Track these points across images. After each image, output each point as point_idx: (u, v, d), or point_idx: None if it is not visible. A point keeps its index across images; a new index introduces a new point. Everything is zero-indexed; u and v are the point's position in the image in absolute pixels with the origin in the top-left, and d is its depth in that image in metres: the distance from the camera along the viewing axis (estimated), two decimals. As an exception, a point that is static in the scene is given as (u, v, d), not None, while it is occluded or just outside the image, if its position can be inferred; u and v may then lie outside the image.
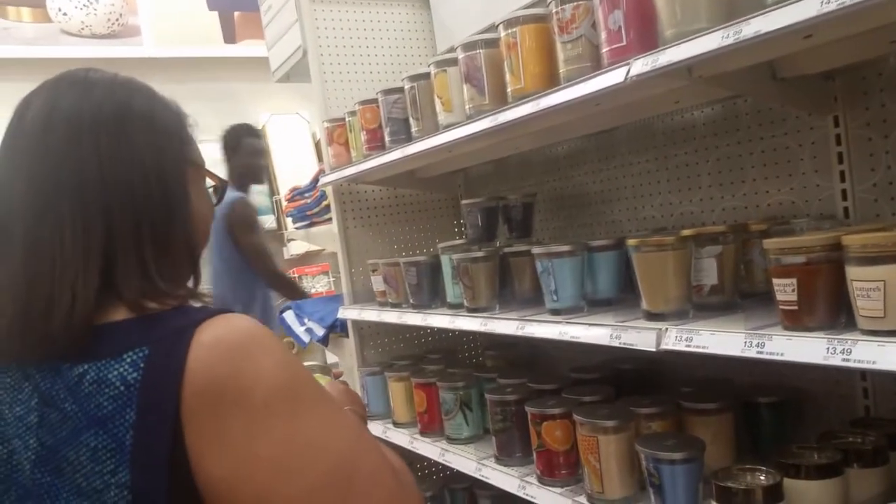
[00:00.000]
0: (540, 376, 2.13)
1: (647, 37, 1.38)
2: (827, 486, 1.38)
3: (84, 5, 4.71)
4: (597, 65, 1.49)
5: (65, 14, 4.65)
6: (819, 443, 1.48)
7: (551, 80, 1.63)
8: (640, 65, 1.33)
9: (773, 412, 1.72)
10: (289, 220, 3.97)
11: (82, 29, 4.70)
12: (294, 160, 5.35)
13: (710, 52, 1.21)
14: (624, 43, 1.41)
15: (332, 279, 5.20)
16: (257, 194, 5.27)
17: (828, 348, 1.12)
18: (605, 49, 1.45)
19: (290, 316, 3.33)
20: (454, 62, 1.91)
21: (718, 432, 1.67)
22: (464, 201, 2.39)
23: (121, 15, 4.82)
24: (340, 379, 1.35)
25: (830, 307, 1.20)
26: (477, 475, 2.08)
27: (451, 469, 2.26)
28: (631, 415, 1.69)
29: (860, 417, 1.66)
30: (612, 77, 1.39)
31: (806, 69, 1.48)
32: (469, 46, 1.84)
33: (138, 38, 4.91)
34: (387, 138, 2.30)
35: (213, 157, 5.18)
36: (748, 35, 1.14)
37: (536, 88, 1.64)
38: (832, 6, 1.01)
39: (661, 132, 2.07)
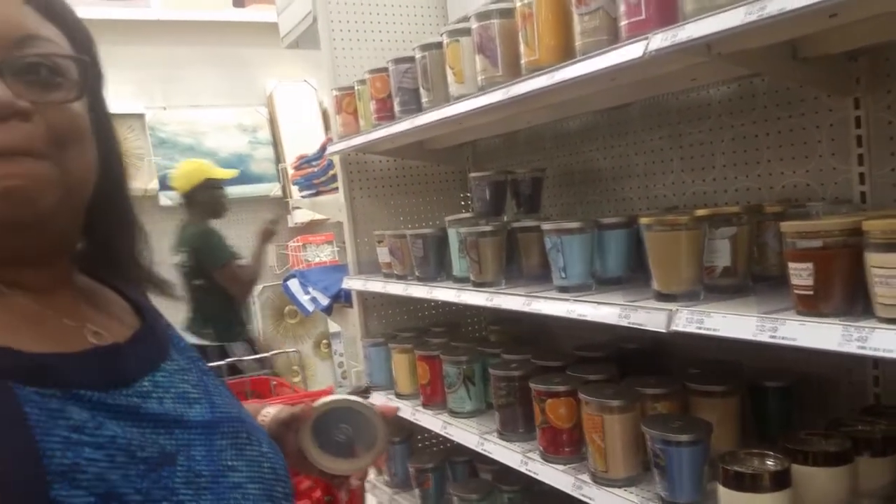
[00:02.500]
0: (544, 353, 2.12)
1: (667, 11, 1.34)
2: (836, 473, 1.37)
3: (92, -34, 4.67)
4: (614, 38, 1.46)
5: (72, -26, 4.62)
6: (828, 430, 1.47)
7: (567, 53, 1.60)
8: (660, 39, 1.29)
9: (781, 397, 1.71)
10: (294, 189, 3.94)
11: (90, -11, 4.66)
12: (301, 128, 5.31)
13: (733, 29, 1.17)
14: (643, 16, 1.37)
15: (336, 249, 5.19)
16: (264, 161, 5.26)
17: (843, 335, 1.10)
18: (623, 22, 1.41)
19: (294, 284, 3.33)
20: (467, 32, 1.87)
21: (724, 415, 1.65)
22: (472, 174, 2.36)
23: (129, -24, 4.78)
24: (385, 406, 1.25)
25: (847, 293, 1.18)
26: (479, 449, 2.08)
27: (453, 441, 2.26)
28: (637, 395, 1.68)
29: (870, 405, 1.64)
30: (631, 51, 1.35)
31: (829, 49, 1.45)
32: (483, 16, 1.80)
33: (146, 0, 4.85)
34: (396, 108, 2.26)
35: (218, 122, 5.16)
36: (772, 12, 1.10)
37: (551, 61, 1.60)
38: (863, -17, 0.98)
39: (676, 109, 2.03)
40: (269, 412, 1.20)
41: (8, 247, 0.79)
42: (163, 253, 4.95)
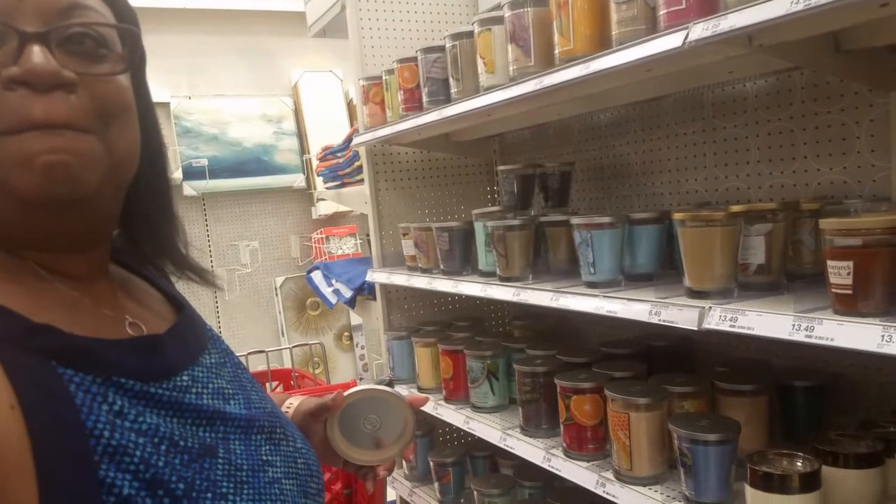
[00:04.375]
0: (569, 349, 2.10)
1: (707, 0, 1.31)
2: (867, 475, 1.34)
3: (121, -46, 4.70)
4: (652, 28, 1.43)
5: (101, -39, 4.64)
6: (858, 431, 1.44)
7: (602, 43, 1.57)
8: (701, 29, 1.26)
9: (811, 397, 1.67)
10: (319, 180, 3.93)
11: (118, -23, 4.69)
12: (326, 119, 5.30)
13: (777, 19, 1.14)
14: (683, 6, 1.34)
15: (359, 241, 5.18)
16: (288, 152, 5.26)
17: (883, 336, 1.07)
18: (662, 11, 1.38)
19: (317, 276, 3.32)
20: (500, 20, 1.85)
21: (752, 415, 1.63)
22: (500, 167, 2.34)
23: (157, -36, 4.78)
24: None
25: (887, 293, 1.14)
26: (502, 444, 2.06)
27: (473, 436, 2.25)
28: (664, 392, 1.65)
29: (903, 407, 1.61)
30: (670, 41, 1.32)
31: (873, 41, 1.40)
32: (516, 4, 1.77)
33: (173, -11, 4.87)
34: (424, 99, 2.24)
35: (243, 112, 5.17)
36: (820, 1, 1.07)
37: (586, 51, 1.58)
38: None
39: (710, 103, 1.99)
40: (293, 403, 1.19)
41: (48, 229, 0.77)
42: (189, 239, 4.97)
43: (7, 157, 0.70)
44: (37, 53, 0.71)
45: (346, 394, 1.16)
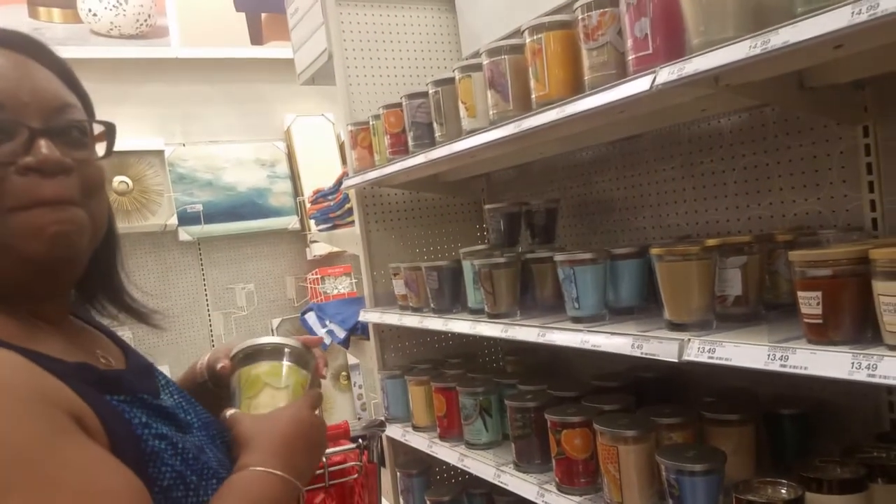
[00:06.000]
0: (560, 383, 2.12)
1: (673, 45, 1.37)
2: (850, 501, 1.36)
3: (114, 6, 4.75)
4: (622, 72, 1.48)
5: (94, 14, 4.69)
6: (843, 457, 1.46)
7: (576, 87, 1.63)
8: (667, 73, 1.31)
9: (796, 424, 1.70)
10: (312, 222, 3.98)
11: (111, 29, 4.73)
12: (318, 162, 5.36)
13: (738, 62, 1.19)
14: (650, 51, 1.39)
15: (353, 280, 5.21)
16: (282, 195, 5.31)
17: (853, 363, 1.11)
18: (631, 56, 1.44)
19: (311, 317, 3.35)
20: (479, 67, 1.91)
21: (740, 444, 1.65)
22: (487, 206, 2.39)
23: (149, 16, 4.85)
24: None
25: (856, 321, 1.18)
26: (496, 481, 2.07)
27: (470, 473, 2.26)
28: (651, 425, 1.68)
29: (886, 432, 1.63)
30: (638, 85, 1.37)
31: (835, 79, 1.46)
32: (494, 52, 1.83)
33: (166, 39, 4.93)
34: (410, 142, 2.30)
35: (237, 157, 5.23)
36: (777, 45, 1.12)
37: (561, 95, 1.63)
38: (863, 17, 1.00)
39: (687, 139, 2.05)
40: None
41: (43, 283, 0.92)
42: (185, 284, 5.00)
43: (20, 229, 0.87)
44: (46, 146, 0.88)
45: (230, 355, 1.20)
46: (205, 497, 0.91)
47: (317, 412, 1.14)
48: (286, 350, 1.20)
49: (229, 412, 1.09)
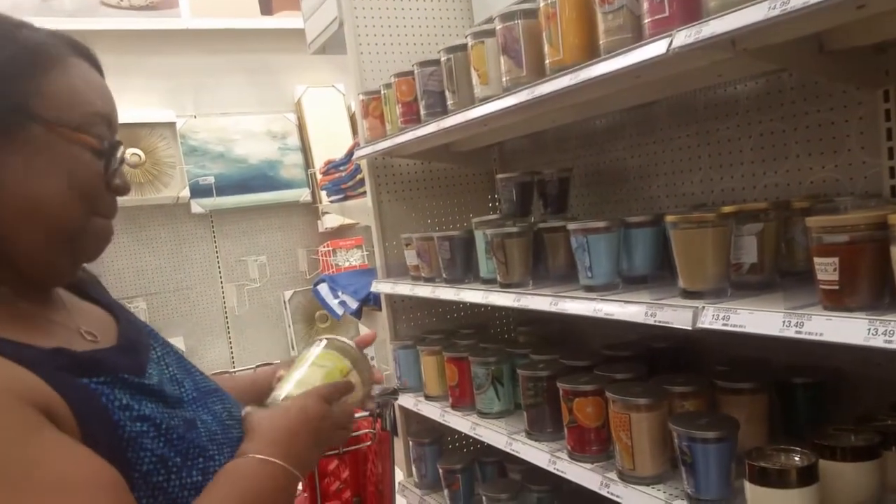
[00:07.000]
0: (572, 352, 2.12)
1: (690, 7, 1.35)
2: (864, 468, 1.36)
3: (124, -24, 4.76)
4: (638, 36, 1.46)
5: (105, -15, 4.70)
6: (856, 425, 1.45)
7: (591, 52, 1.60)
8: (683, 36, 1.29)
9: (809, 393, 1.69)
10: (323, 194, 3.97)
11: (121, 1, 4.73)
12: (329, 133, 5.35)
13: (756, 24, 1.17)
14: (666, 14, 1.37)
15: (365, 253, 5.21)
16: (293, 167, 5.31)
17: (869, 329, 1.10)
18: (647, 20, 1.42)
19: (324, 288, 3.36)
20: (492, 33, 1.89)
21: (752, 413, 1.65)
22: (499, 175, 2.37)
23: (159, -14, 4.85)
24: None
25: (873, 288, 1.17)
26: (508, 449, 2.08)
27: (482, 442, 2.27)
28: (664, 393, 1.68)
29: (900, 400, 1.62)
30: (654, 49, 1.35)
31: (856, 41, 1.43)
32: (507, 17, 1.81)
33: (176, 10, 4.91)
34: (422, 111, 2.28)
35: (248, 129, 5.22)
36: (797, 6, 1.10)
37: (575, 60, 1.61)
38: (886, -26, 0.97)
39: (703, 106, 2.02)
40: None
41: (61, 277, 1.01)
42: (198, 256, 5.03)
43: (97, 232, 0.99)
44: (123, 171, 1.02)
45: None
46: (188, 478, 0.93)
47: (343, 401, 1.15)
48: (334, 340, 1.25)
49: (244, 410, 1.11)
